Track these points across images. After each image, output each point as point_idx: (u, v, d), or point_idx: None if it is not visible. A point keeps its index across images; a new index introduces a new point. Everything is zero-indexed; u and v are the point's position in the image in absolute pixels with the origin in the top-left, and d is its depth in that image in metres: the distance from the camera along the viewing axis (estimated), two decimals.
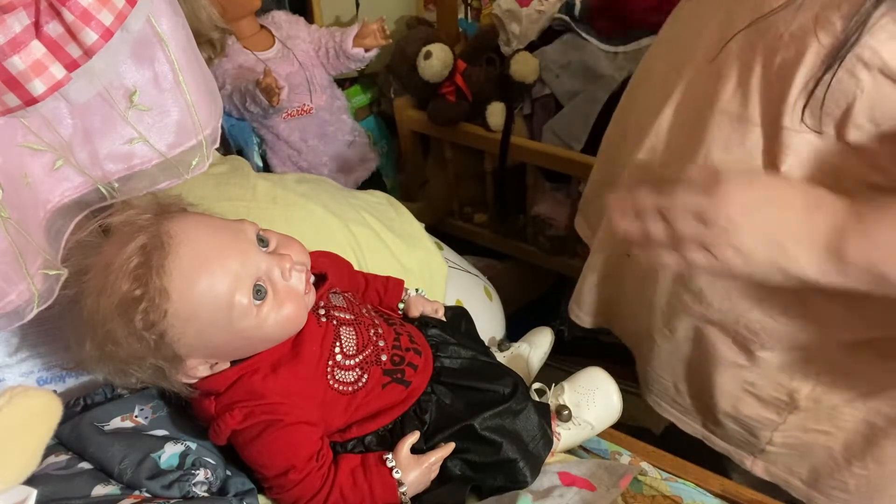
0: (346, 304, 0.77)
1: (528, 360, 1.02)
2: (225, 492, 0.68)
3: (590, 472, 0.78)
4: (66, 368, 0.75)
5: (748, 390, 0.85)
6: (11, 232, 0.54)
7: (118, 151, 0.63)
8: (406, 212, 1.14)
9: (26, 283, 0.56)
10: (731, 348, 0.83)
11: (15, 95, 0.50)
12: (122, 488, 0.64)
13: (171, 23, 0.61)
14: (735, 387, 0.86)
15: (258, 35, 1.58)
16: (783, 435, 0.86)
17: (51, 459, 0.66)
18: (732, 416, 0.88)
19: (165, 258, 0.61)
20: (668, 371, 0.95)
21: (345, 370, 0.72)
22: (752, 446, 0.90)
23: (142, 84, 0.61)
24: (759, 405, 0.85)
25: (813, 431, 0.83)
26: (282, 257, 0.67)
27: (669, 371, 0.94)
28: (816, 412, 0.82)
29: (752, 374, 0.83)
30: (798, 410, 0.83)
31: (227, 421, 0.66)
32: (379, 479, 0.70)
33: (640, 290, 0.94)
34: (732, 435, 0.91)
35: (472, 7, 1.89)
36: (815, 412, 0.82)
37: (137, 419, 0.71)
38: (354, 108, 1.82)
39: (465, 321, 0.94)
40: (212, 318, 0.63)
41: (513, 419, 0.77)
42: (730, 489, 0.91)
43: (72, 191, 0.62)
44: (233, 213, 0.71)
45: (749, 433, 0.89)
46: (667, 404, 0.98)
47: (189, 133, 0.66)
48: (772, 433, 0.86)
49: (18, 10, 0.48)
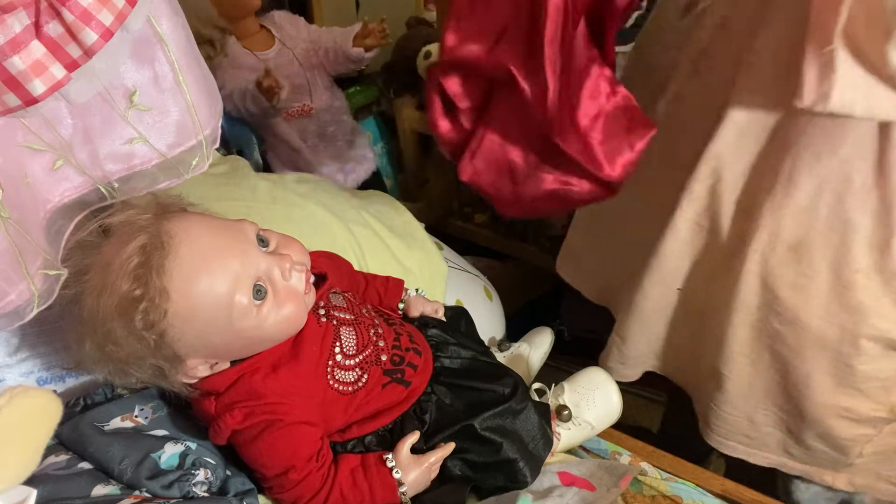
0: (346, 304, 0.77)
1: (528, 360, 1.02)
2: (225, 492, 0.68)
3: (590, 472, 0.78)
4: (66, 368, 0.75)
5: (844, 416, 0.82)
6: (11, 232, 0.54)
7: (118, 151, 0.63)
8: (406, 212, 1.14)
9: (26, 283, 0.56)
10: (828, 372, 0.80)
11: (15, 95, 0.50)
12: (122, 488, 0.64)
13: (171, 23, 0.61)
14: (829, 414, 0.83)
15: (258, 35, 1.58)
16: (875, 445, 0.84)
17: (51, 459, 0.66)
18: (823, 439, 0.86)
19: (165, 258, 0.61)
20: (739, 406, 0.91)
21: (345, 370, 0.72)
22: (837, 463, 0.88)
23: (142, 84, 0.61)
24: (857, 426, 0.83)
25: None
26: (282, 257, 0.67)
27: (741, 406, 0.91)
28: None
29: (849, 400, 0.81)
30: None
31: (227, 421, 0.66)
32: (379, 479, 0.70)
33: (701, 326, 0.90)
34: (819, 456, 0.88)
35: None
36: None
37: (137, 419, 0.71)
38: (354, 108, 1.82)
39: (465, 321, 0.94)
40: (212, 317, 0.63)
41: (513, 419, 0.77)
42: (730, 489, 0.91)
43: (72, 191, 0.62)
44: (233, 213, 0.71)
45: (839, 452, 0.86)
46: (736, 442, 0.95)
47: (189, 133, 0.66)
48: (863, 447, 0.84)
49: (18, 10, 0.48)
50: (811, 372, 0.81)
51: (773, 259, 0.78)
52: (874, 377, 0.79)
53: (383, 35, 1.59)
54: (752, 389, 0.88)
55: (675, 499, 0.80)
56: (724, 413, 0.92)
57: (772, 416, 0.89)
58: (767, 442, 0.92)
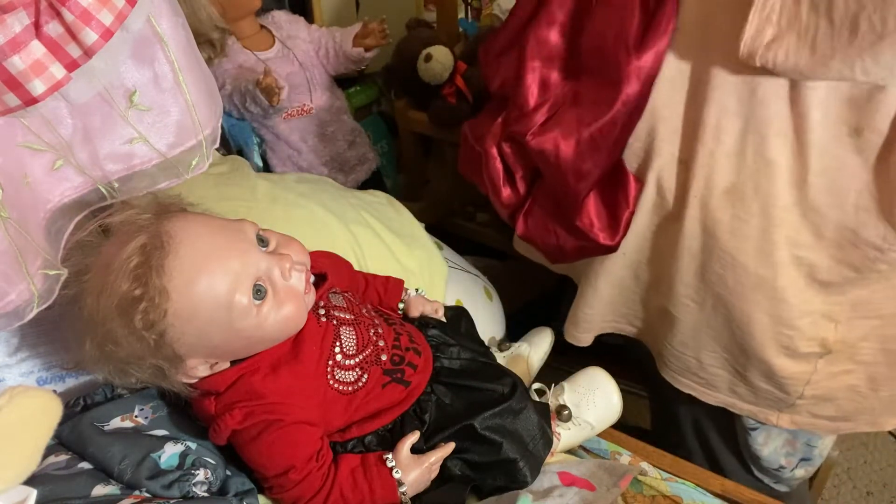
0: (346, 303, 0.77)
1: (528, 360, 1.02)
2: (225, 492, 0.68)
3: (590, 472, 0.78)
4: (66, 368, 0.75)
5: (783, 354, 0.88)
6: (11, 232, 0.54)
7: (118, 151, 0.63)
8: (406, 212, 1.14)
9: (26, 283, 0.56)
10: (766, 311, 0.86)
11: (15, 95, 0.50)
12: (122, 488, 0.64)
13: (171, 23, 0.61)
14: (770, 352, 0.88)
15: (258, 35, 1.58)
16: (813, 388, 0.90)
17: (51, 459, 0.66)
18: (766, 377, 0.91)
19: (165, 258, 0.61)
20: (689, 346, 0.96)
21: (345, 370, 0.72)
22: (781, 403, 0.93)
23: (142, 84, 0.61)
24: (795, 363, 0.88)
25: (838, 375, 0.88)
26: (281, 257, 0.67)
27: (692, 345, 0.96)
28: (840, 354, 0.87)
29: (786, 338, 0.86)
30: (827, 355, 0.87)
31: (227, 421, 0.66)
32: (379, 479, 0.70)
33: (654, 275, 0.96)
34: (763, 396, 0.94)
35: (472, 7, 1.89)
36: (839, 355, 0.87)
37: (137, 419, 0.71)
38: (354, 108, 1.82)
39: (465, 321, 0.94)
40: (212, 317, 0.63)
41: (513, 419, 0.77)
42: (730, 489, 0.91)
43: (72, 191, 0.62)
44: (233, 213, 0.71)
45: (782, 391, 0.92)
46: (688, 379, 1.00)
47: (189, 133, 0.66)
48: (804, 387, 0.90)
49: (18, 9, 0.49)
50: (752, 312, 0.86)
51: (711, 204, 0.84)
52: (805, 311, 0.84)
53: (383, 35, 1.59)
54: (699, 332, 0.94)
55: (675, 499, 0.80)
56: (677, 351, 0.98)
57: (719, 357, 0.94)
58: (716, 383, 0.97)
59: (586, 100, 0.87)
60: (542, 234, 0.98)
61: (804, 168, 0.78)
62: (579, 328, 1.06)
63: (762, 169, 0.80)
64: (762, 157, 0.79)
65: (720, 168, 0.82)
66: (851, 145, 0.75)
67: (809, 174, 0.78)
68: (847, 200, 0.77)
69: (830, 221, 0.79)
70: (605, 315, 1.05)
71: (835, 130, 0.75)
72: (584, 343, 1.07)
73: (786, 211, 0.80)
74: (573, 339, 1.08)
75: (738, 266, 0.84)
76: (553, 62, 0.91)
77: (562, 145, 0.87)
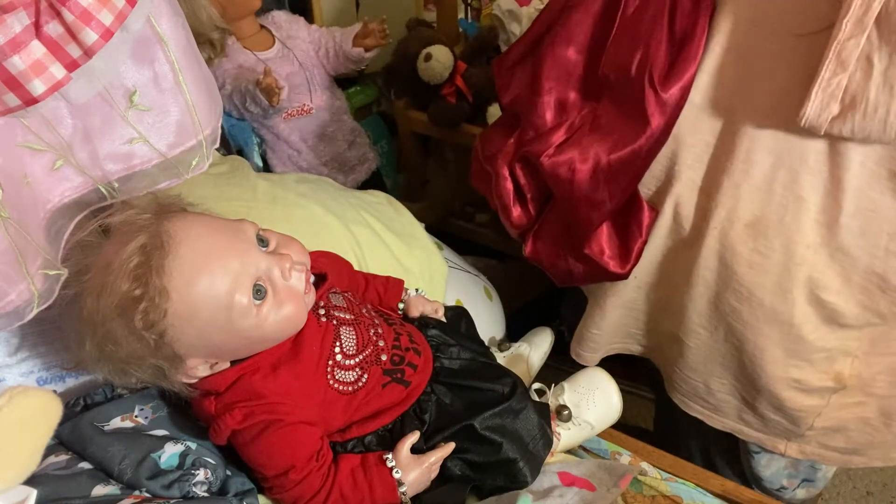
0: (346, 303, 0.77)
1: (528, 360, 1.02)
2: (225, 492, 0.68)
3: (590, 472, 0.78)
4: (66, 368, 0.75)
5: (794, 387, 0.86)
6: (11, 232, 0.54)
7: (118, 151, 0.63)
8: (406, 212, 1.14)
9: (26, 283, 0.56)
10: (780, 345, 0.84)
11: (15, 95, 0.50)
12: (122, 488, 0.64)
13: (171, 23, 0.61)
14: (781, 385, 0.86)
15: (258, 35, 1.58)
16: (823, 419, 0.88)
17: (51, 459, 0.66)
18: (776, 408, 0.89)
19: (165, 258, 0.61)
20: (698, 371, 0.94)
21: (345, 370, 0.72)
22: (790, 433, 0.92)
23: (142, 84, 0.61)
24: (806, 396, 0.86)
25: (850, 406, 0.86)
26: (281, 257, 0.67)
27: (701, 371, 0.94)
28: (853, 388, 0.85)
29: (798, 371, 0.84)
30: (842, 390, 0.85)
31: (227, 421, 0.66)
32: (379, 479, 0.70)
33: (665, 298, 0.94)
34: (772, 425, 0.92)
35: (472, 7, 1.89)
36: (854, 389, 0.85)
37: (137, 419, 0.71)
38: (354, 108, 1.82)
39: (465, 321, 0.94)
40: (212, 317, 0.63)
41: (513, 419, 0.77)
42: (730, 489, 0.91)
43: (72, 191, 0.62)
44: (233, 213, 0.71)
45: (791, 422, 0.90)
46: (696, 404, 0.98)
47: (189, 133, 0.66)
48: (814, 419, 0.88)
49: (18, 9, 0.48)
50: (765, 346, 0.84)
51: (731, 236, 0.81)
52: (821, 347, 0.82)
53: (383, 35, 1.59)
54: (709, 359, 0.92)
55: (675, 499, 0.80)
56: (685, 376, 0.96)
57: (727, 385, 0.93)
58: (724, 409, 0.96)
59: (607, 126, 0.84)
60: (551, 257, 0.96)
61: (836, 208, 0.75)
62: (585, 348, 1.04)
63: (790, 205, 0.77)
64: (792, 193, 0.76)
65: (745, 201, 0.79)
66: (890, 189, 0.72)
67: (842, 215, 0.75)
68: (878, 244, 0.74)
69: (860, 265, 0.76)
70: (613, 336, 1.03)
71: (874, 173, 0.72)
72: (590, 363, 1.05)
73: (811, 250, 0.77)
74: (579, 357, 1.06)
75: (755, 300, 0.82)
76: (571, 82, 0.88)
77: (577, 170, 0.84)
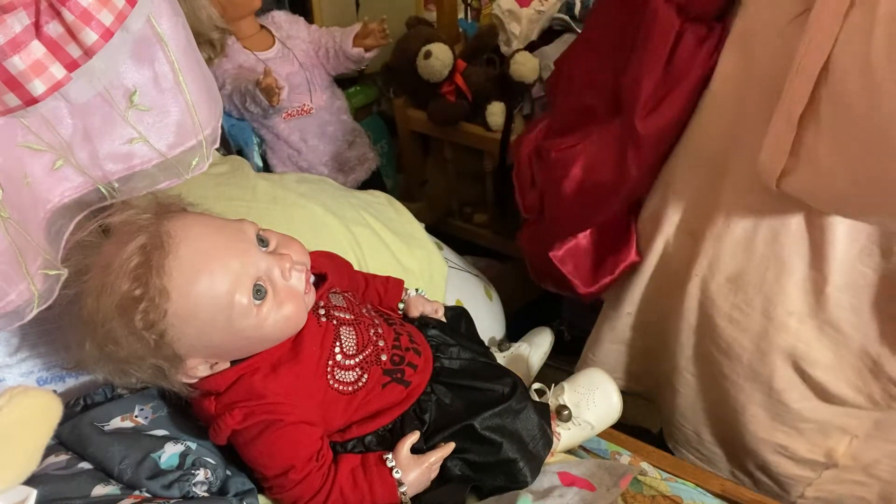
0: (346, 304, 0.77)
1: (528, 360, 1.02)
2: (225, 492, 0.68)
3: (590, 472, 0.78)
4: (66, 368, 0.75)
5: (780, 453, 0.82)
6: (11, 232, 0.54)
7: (118, 151, 0.63)
8: (406, 212, 1.14)
9: (26, 283, 0.56)
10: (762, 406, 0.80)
11: (15, 95, 0.50)
12: (122, 488, 0.64)
13: (171, 23, 0.61)
14: (765, 448, 0.83)
15: (258, 35, 1.58)
16: (816, 489, 0.84)
17: (51, 459, 0.66)
18: (762, 471, 0.86)
19: (165, 258, 0.61)
20: (689, 419, 0.92)
21: (345, 370, 0.72)
22: (781, 499, 0.88)
23: (142, 84, 0.61)
24: (794, 465, 0.83)
25: (847, 483, 0.81)
26: (281, 257, 0.67)
27: (691, 419, 0.92)
28: (851, 468, 0.80)
29: (785, 438, 0.81)
30: (835, 468, 0.81)
31: (227, 421, 0.66)
32: (379, 479, 0.70)
33: (660, 339, 0.92)
34: (763, 487, 0.89)
35: (472, 7, 1.89)
36: (850, 468, 0.80)
37: (137, 419, 0.71)
38: (354, 108, 1.82)
39: (465, 321, 0.94)
40: (212, 317, 0.63)
41: (513, 419, 0.77)
42: (730, 489, 0.91)
43: (72, 191, 0.62)
44: (233, 213, 0.71)
45: (780, 488, 0.86)
46: (689, 453, 0.97)
47: (189, 133, 0.66)
48: (805, 488, 0.84)
49: (18, 10, 0.48)
50: (746, 404, 0.81)
51: (712, 287, 0.79)
52: (809, 419, 0.78)
53: (383, 35, 1.59)
54: (697, 406, 0.89)
55: (675, 499, 0.80)
56: (678, 423, 0.94)
57: (715, 437, 0.90)
58: (716, 462, 0.93)
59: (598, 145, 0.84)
60: (533, 248, 0.98)
61: (822, 279, 0.71)
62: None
63: (771, 267, 0.74)
64: (773, 253, 0.73)
65: (726, 253, 0.77)
66: (883, 267, 0.67)
67: (828, 286, 0.71)
68: (872, 325, 0.70)
69: (853, 343, 0.72)
70: (613, 372, 1.01)
71: (863, 247, 0.68)
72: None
73: (795, 318, 0.74)
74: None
75: (733, 354, 0.79)
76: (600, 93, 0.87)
77: (570, 175, 0.85)
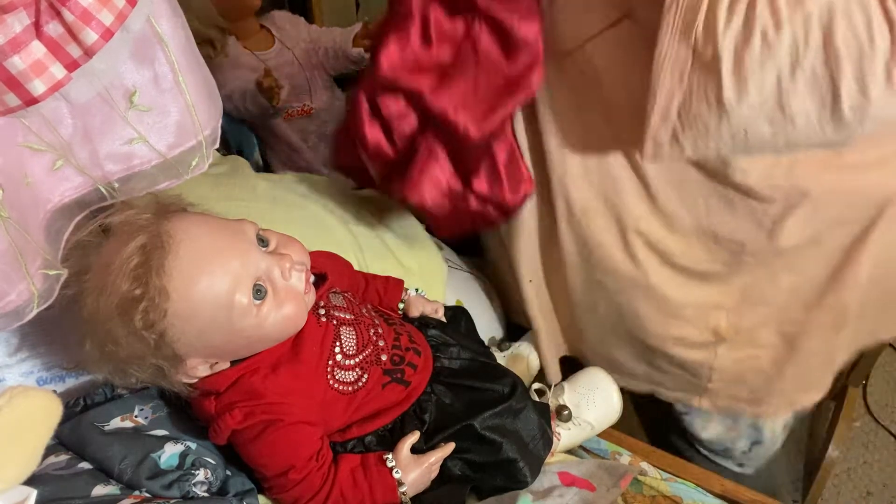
0: (346, 303, 0.77)
1: (528, 360, 1.02)
2: (225, 492, 0.69)
3: (590, 473, 0.78)
4: (66, 368, 0.75)
5: (679, 344, 0.93)
6: (11, 232, 0.54)
7: (118, 151, 0.63)
8: (406, 212, 1.14)
9: (26, 283, 0.56)
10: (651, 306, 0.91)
11: (15, 95, 0.50)
12: (122, 488, 0.64)
13: (171, 23, 0.61)
14: (666, 344, 0.93)
15: (258, 35, 1.58)
16: (719, 372, 0.95)
17: (51, 459, 0.66)
18: (672, 364, 0.96)
19: (165, 258, 0.61)
20: (602, 347, 1.02)
21: (345, 370, 0.72)
22: (696, 387, 0.99)
23: (142, 84, 0.61)
24: (693, 351, 0.93)
25: (742, 360, 0.93)
26: (282, 257, 0.67)
27: (602, 348, 1.02)
28: (738, 341, 0.92)
29: (678, 329, 0.92)
30: (724, 342, 0.92)
31: (227, 421, 0.66)
32: (379, 479, 0.70)
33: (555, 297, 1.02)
34: (679, 381, 0.99)
35: None
36: (737, 342, 0.92)
37: (137, 419, 0.71)
38: None
39: (465, 321, 0.94)
40: (212, 317, 0.63)
41: (513, 419, 0.77)
42: (729, 489, 0.91)
43: (72, 191, 0.62)
44: (233, 213, 0.71)
45: (692, 375, 0.97)
46: (614, 373, 1.03)
47: (189, 133, 0.66)
48: (710, 371, 0.95)
49: (18, 10, 0.48)
50: (637, 308, 0.91)
51: (572, 222, 0.90)
52: (689, 303, 0.89)
53: None
54: (603, 335, 0.99)
55: (675, 499, 0.80)
56: (595, 354, 1.04)
57: (627, 352, 0.99)
58: (637, 374, 1.02)
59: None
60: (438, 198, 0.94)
61: (647, 183, 0.83)
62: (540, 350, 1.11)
63: (609, 187, 0.85)
64: (608, 174, 0.85)
65: (574, 190, 0.87)
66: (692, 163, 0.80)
67: (651, 188, 0.83)
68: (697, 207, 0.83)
69: (691, 226, 0.84)
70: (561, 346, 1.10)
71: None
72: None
73: (645, 222, 0.86)
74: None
75: (611, 269, 0.90)
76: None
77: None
